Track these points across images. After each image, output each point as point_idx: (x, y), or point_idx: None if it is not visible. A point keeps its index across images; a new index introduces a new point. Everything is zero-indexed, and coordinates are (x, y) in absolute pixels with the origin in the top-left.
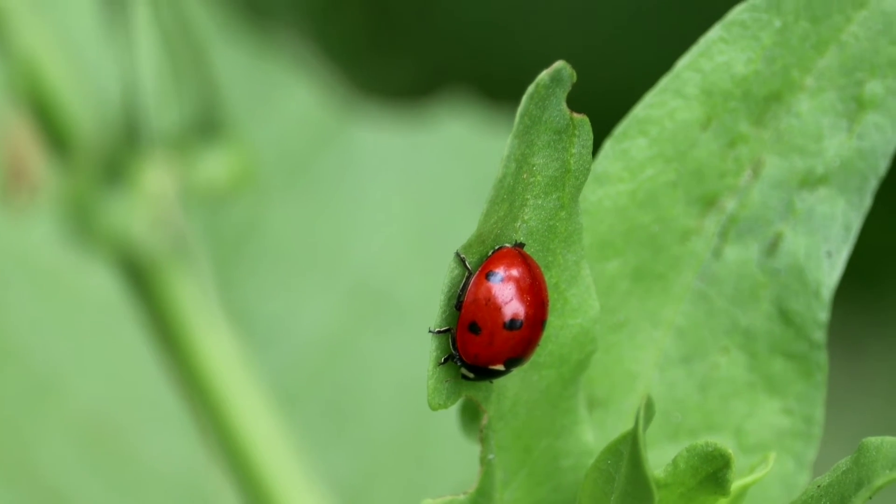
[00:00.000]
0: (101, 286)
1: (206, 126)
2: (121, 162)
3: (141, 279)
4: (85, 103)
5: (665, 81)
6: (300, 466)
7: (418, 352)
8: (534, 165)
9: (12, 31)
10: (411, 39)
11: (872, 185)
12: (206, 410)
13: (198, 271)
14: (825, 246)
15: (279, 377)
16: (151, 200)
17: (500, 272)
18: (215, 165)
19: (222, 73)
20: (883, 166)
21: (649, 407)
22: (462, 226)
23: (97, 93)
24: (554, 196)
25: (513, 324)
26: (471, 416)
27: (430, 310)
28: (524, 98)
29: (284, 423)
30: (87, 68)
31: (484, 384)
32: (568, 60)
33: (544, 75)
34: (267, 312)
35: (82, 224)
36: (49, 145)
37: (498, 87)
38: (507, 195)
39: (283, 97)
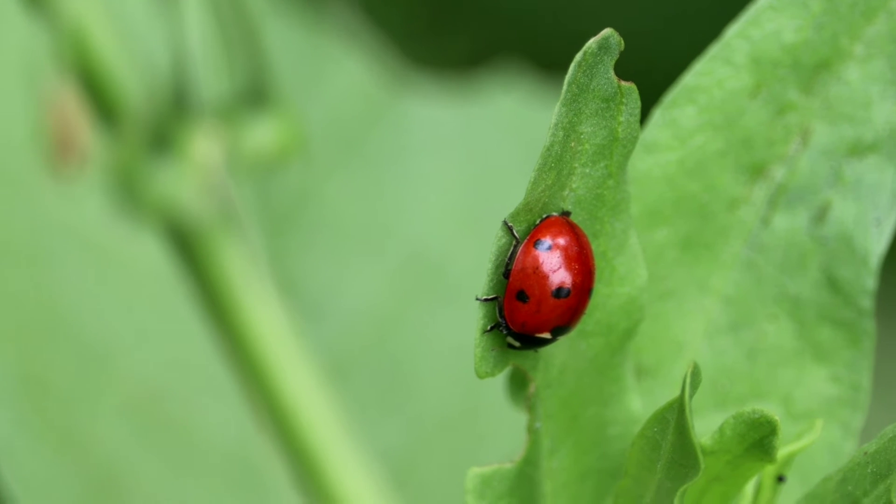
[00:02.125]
0: (151, 257)
1: (254, 95)
2: (169, 131)
3: (189, 248)
4: (133, 72)
5: (714, 50)
6: (349, 438)
7: (469, 324)
8: (581, 134)
9: (60, 0)
10: (463, 14)
11: None
12: (255, 381)
13: (247, 241)
14: (874, 213)
15: (329, 349)
16: (200, 170)
17: (548, 241)
18: (263, 135)
19: (274, 47)
20: None
21: (696, 375)
22: (514, 198)
23: (146, 62)
24: (601, 164)
25: (560, 292)
26: (518, 384)
27: (481, 281)
28: (572, 66)
29: (334, 394)
30: (136, 37)
31: (531, 353)
32: (618, 32)
33: (592, 43)
34: (318, 284)
35: (131, 194)
36: (97, 115)
37: (549, 60)
38: (555, 163)
39: (336, 71)
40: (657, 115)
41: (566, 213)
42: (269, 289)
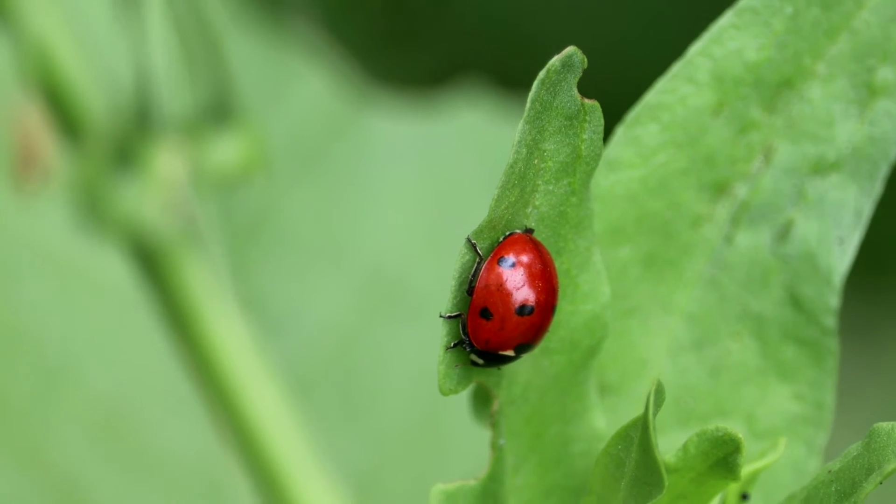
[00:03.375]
0: (113, 272)
1: (218, 111)
2: (132, 147)
3: (152, 264)
4: (96, 88)
5: (677, 68)
6: (312, 453)
7: (432, 340)
8: (545, 151)
9: (24, 16)
10: (427, 30)
11: (884, 171)
12: (218, 397)
13: (210, 257)
14: (837, 232)
15: (292, 365)
16: (163, 185)
17: (512, 258)
18: (227, 151)
19: (237, 62)
20: (894, 153)
21: (659, 392)
22: (476, 215)
23: (109, 77)
24: (565, 182)
25: (523, 309)
26: (482, 401)
27: (443, 299)
28: (535, 83)
29: (297, 410)
30: (99, 53)
31: (494, 370)
32: (581, 49)
33: (555, 61)
34: (280, 300)
35: (94, 209)
36: (60, 130)
37: (513, 78)
38: (518, 181)
39: (298, 86)
40: (620, 132)
41: (529, 231)
42: (232, 305)
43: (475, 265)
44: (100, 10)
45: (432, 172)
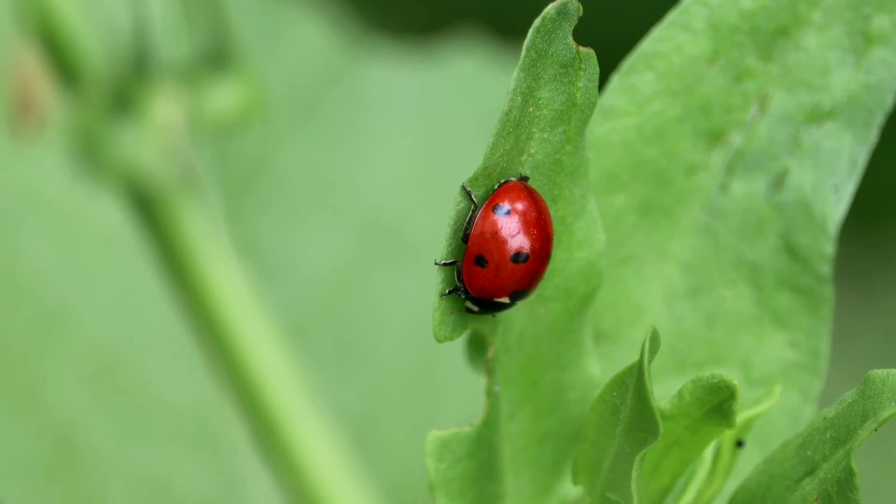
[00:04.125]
0: (110, 219)
1: (215, 58)
2: (130, 93)
3: (149, 211)
4: (94, 34)
5: (673, 16)
6: (308, 398)
7: (427, 288)
8: (540, 99)
9: None
10: None
11: (879, 119)
12: (214, 342)
13: (207, 203)
14: (832, 180)
15: (287, 311)
16: (160, 132)
17: (506, 205)
18: (224, 97)
19: (232, 9)
20: (889, 101)
21: (654, 339)
22: (472, 163)
23: (106, 24)
24: (560, 130)
25: (518, 257)
26: (477, 348)
27: (440, 245)
28: (530, 31)
29: (293, 356)
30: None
31: (489, 317)
32: None
33: (550, 8)
34: (276, 247)
35: (91, 155)
36: (58, 77)
37: (509, 26)
38: (513, 129)
39: (294, 34)
40: (615, 80)
41: (524, 179)
42: (229, 251)
43: (470, 213)
44: None
45: (428, 120)
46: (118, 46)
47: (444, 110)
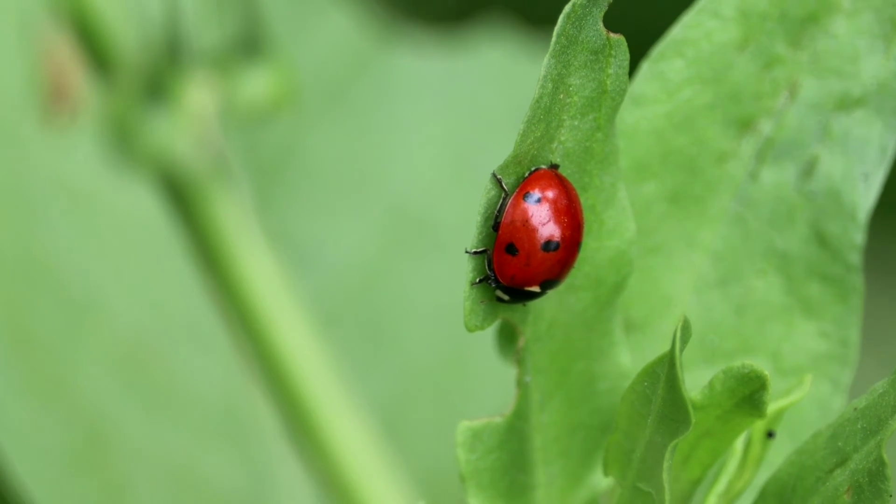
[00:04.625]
0: (139, 208)
1: (247, 45)
2: (163, 81)
3: (182, 198)
4: (127, 22)
5: (702, 2)
6: (341, 388)
7: (455, 277)
8: (570, 86)
9: None
10: None
11: None
12: (247, 330)
13: (239, 191)
14: (861, 168)
15: (317, 300)
16: (193, 119)
17: (537, 193)
18: (256, 84)
19: None
20: None
21: (686, 329)
22: (500, 151)
23: (139, 11)
24: (590, 117)
25: (549, 245)
26: (507, 338)
27: (467, 235)
28: (561, 17)
29: (325, 344)
30: None
31: (520, 306)
32: None
33: None
34: (304, 236)
35: (124, 143)
36: (91, 65)
37: (536, 15)
38: (544, 116)
39: (322, 21)
40: (645, 67)
41: (555, 166)
42: (260, 239)
43: (501, 200)
44: None
45: (456, 109)
46: (150, 34)
47: (472, 99)
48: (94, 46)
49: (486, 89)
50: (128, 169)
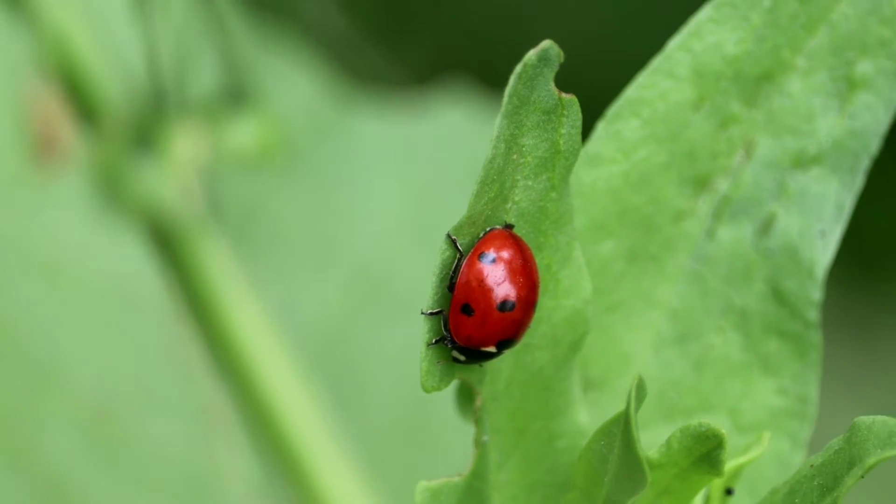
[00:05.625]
0: (102, 272)
1: (233, 95)
2: (150, 130)
3: (168, 246)
4: (114, 72)
5: (656, 62)
6: (334, 439)
7: (416, 339)
8: (523, 146)
9: (41, 4)
10: (411, 29)
11: (865, 164)
12: (236, 378)
13: (225, 240)
14: (818, 225)
15: None
16: (180, 168)
17: (492, 253)
18: (243, 134)
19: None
20: (875, 146)
21: (641, 387)
22: (460, 213)
23: (125, 62)
24: (544, 177)
25: (505, 305)
26: (465, 397)
27: (426, 295)
28: (512, 78)
29: (314, 394)
30: (116, 37)
31: (477, 366)
32: (561, 45)
33: (531, 55)
34: (267, 296)
35: (112, 192)
36: (79, 115)
37: (497, 77)
38: (497, 176)
39: (284, 86)
40: (601, 127)
41: (509, 226)
42: (247, 287)
43: (456, 261)
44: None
45: (417, 172)
46: (136, 84)
47: (433, 161)
48: (81, 97)
49: (447, 151)
50: (116, 217)
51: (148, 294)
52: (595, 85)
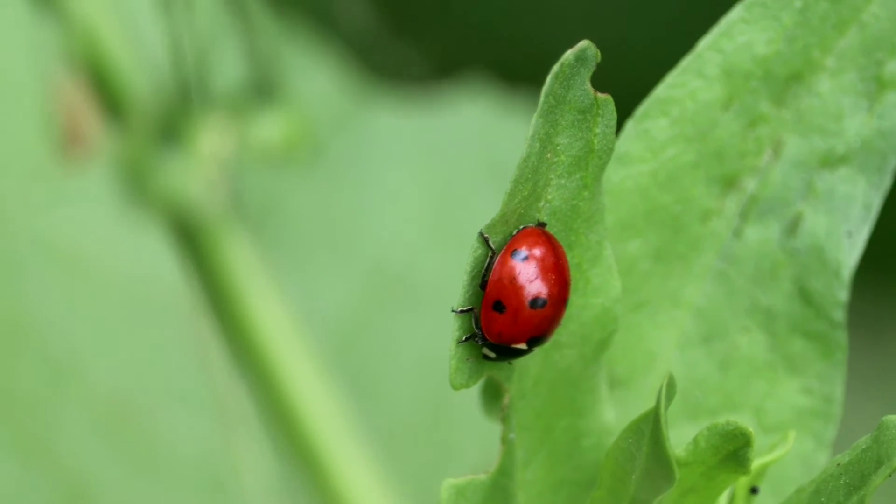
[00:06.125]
0: (119, 266)
1: (260, 88)
2: (176, 124)
3: (193, 240)
4: (140, 66)
5: (686, 62)
6: (357, 438)
7: (434, 334)
8: (558, 145)
9: None
10: (429, 24)
11: (893, 164)
12: (259, 374)
13: (249, 233)
14: (845, 225)
15: None
16: (206, 162)
17: (524, 251)
18: (270, 127)
19: (241, 58)
20: None
21: (671, 386)
22: (478, 208)
23: (153, 55)
24: (577, 176)
25: (536, 302)
26: (492, 395)
27: (447, 292)
28: (549, 77)
29: (338, 391)
30: (143, 32)
31: (505, 364)
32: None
33: (569, 55)
34: (284, 292)
35: (137, 186)
36: (104, 108)
37: (514, 73)
38: (531, 175)
39: (302, 82)
40: (630, 126)
41: (542, 225)
42: (271, 282)
43: (488, 259)
44: None
45: (435, 166)
46: (164, 78)
47: (451, 156)
48: (107, 90)
49: (465, 146)
50: (142, 211)
51: (167, 290)
52: (624, 83)
